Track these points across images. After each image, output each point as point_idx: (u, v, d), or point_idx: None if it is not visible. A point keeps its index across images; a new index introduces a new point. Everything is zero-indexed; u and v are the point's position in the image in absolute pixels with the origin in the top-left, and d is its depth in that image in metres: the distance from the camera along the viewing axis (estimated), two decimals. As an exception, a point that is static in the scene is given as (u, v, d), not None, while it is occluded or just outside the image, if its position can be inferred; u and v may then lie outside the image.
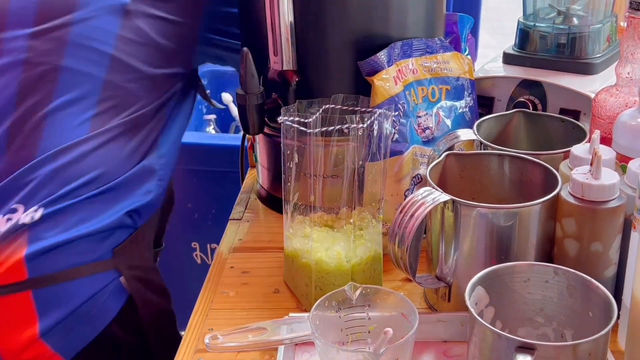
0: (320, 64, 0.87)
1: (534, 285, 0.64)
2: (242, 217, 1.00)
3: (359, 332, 0.67)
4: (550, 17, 1.03)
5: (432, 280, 0.75)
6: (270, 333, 0.69)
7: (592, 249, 0.68)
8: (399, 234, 0.68)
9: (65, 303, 0.83)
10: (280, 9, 0.82)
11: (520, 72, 1.00)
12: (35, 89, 0.87)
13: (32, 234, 0.81)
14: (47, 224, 0.82)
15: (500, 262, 0.66)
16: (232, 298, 0.82)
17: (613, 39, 1.02)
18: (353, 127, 0.74)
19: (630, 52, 0.78)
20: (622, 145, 0.74)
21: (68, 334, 0.84)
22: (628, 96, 0.80)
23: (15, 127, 0.86)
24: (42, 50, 0.88)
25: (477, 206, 0.69)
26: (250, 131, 0.87)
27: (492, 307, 0.64)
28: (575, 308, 0.63)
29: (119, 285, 0.87)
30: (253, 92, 0.84)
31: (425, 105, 0.87)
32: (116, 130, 0.87)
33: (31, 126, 0.86)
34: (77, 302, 0.84)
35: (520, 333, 0.66)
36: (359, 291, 0.66)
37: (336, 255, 0.76)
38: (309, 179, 0.77)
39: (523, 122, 0.88)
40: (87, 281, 0.84)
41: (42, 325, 0.82)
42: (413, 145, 0.84)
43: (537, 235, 0.70)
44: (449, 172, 0.77)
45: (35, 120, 0.86)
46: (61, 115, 0.86)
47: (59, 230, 0.82)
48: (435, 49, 0.88)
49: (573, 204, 0.67)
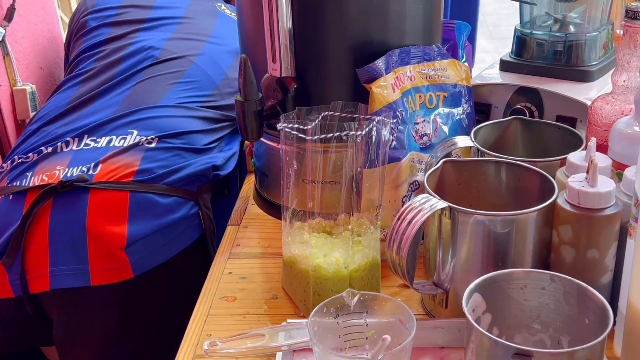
0: (318, 71, 0.87)
1: (530, 292, 0.65)
2: (240, 222, 1.00)
3: (357, 339, 0.68)
4: (547, 24, 1.04)
5: (430, 286, 0.75)
6: (269, 339, 0.69)
7: (588, 256, 0.68)
8: (396, 240, 0.68)
9: (155, 216, 1.04)
10: (279, 16, 0.83)
11: (517, 80, 1.00)
12: (169, 66, 1.21)
13: (147, 154, 1.08)
14: (159, 152, 1.09)
15: (497, 268, 0.66)
16: (230, 304, 0.82)
17: (609, 47, 1.03)
18: (351, 134, 0.74)
19: (626, 60, 0.79)
20: (618, 153, 0.75)
21: (147, 250, 1.03)
22: (624, 104, 0.80)
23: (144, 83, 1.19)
24: (178, 47, 1.25)
25: (474, 213, 0.69)
26: (248, 137, 0.88)
27: (489, 313, 0.65)
28: (571, 315, 0.63)
29: (197, 219, 1.11)
30: (252, 99, 0.85)
31: (422, 112, 0.88)
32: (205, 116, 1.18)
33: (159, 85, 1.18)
34: (164, 220, 1.05)
35: (516, 340, 0.66)
36: (357, 297, 0.67)
37: (334, 261, 0.76)
38: (308, 185, 0.78)
39: (520, 129, 0.89)
40: (176, 203, 1.07)
41: (130, 230, 1.01)
42: (411, 152, 0.85)
43: (533, 242, 0.70)
44: (446, 179, 0.77)
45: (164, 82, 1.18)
46: (183, 88, 1.19)
47: (165, 159, 1.09)
48: (432, 56, 0.88)
49: (569, 211, 0.67)
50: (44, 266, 1.00)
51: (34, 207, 1.01)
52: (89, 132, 1.11)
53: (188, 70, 1.21)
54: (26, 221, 1.00)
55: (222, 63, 1.25)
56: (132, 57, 1.23)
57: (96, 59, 1.26)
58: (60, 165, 1.06)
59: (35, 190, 1.03)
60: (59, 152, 1.09)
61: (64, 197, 1.02)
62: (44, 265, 1.00)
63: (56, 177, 1.04)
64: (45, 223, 1.01)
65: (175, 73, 1.21)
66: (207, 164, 1.13)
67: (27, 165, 1.09)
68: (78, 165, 1.05)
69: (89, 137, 1.11)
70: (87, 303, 1.03)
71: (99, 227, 1.01)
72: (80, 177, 1.03)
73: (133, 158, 1.07)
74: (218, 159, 1.16)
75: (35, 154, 1.10)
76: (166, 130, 1.11)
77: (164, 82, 1.19)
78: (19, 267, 1.00)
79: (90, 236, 1.00)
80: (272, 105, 0.88)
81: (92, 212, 1.01)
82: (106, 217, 1.01)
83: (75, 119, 1.15)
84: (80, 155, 1.08)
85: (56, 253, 1.00)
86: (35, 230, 1.01)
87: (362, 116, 0.81)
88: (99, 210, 1.01)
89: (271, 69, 0.86)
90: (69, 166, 1.06)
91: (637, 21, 0.77)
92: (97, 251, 1.00)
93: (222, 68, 1.25)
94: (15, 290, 1.01)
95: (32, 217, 1.00)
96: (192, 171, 1.10)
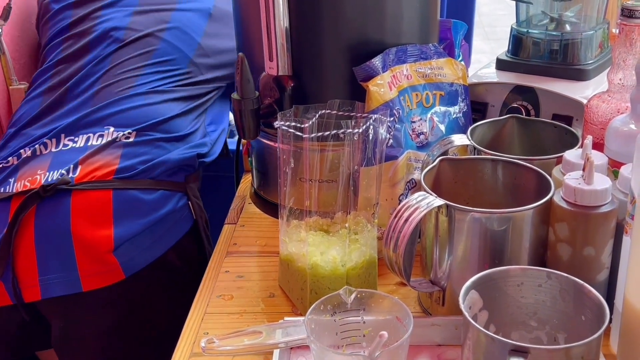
0: (315, 69, 0.87)
1: (527, 289, 0.65)
2: (237, 221, 1.00)
3: (354, 336, 0.68)
4: (543, 23, 1.04)
5: (427, 284, 0.75)
6: (266, 337, 0.69)
7: (584, 253, 0.69)
8: (393, 238, 0.68)
9: (141, 214, 1.01)
10: (275, 14, 0.83)
11: (514, 78, 1.00)
12: (136, 47, 1.14)
13: (125, 151, 1.04)
14: (138, 147, 1.05)
15: (493, 266, 0.66)
16: (227, 302, 0.82)
17: (605, 46, 1.03)
18: (348, 132, 0.74)
19: (622, 58, 0.79)
20: (614, 151, 0.75)
21: (135, 250, 1.00)
22: (620, 102, 0.80)
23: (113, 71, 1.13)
24: (143, 23, 1.17)
25: (471, 211, 0.69)
26: (246, 136, 0.88)
27: (485, 310, 0.65)
28: (568, 312, 0.63)
29: (187, 211, 1.08)
30: (249, 97, 0.85)
31: (419, 110, 0.88)
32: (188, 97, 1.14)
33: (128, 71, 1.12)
34: (151, 217, 1.02)
35: (513, 337, 0.66)
36: (353, 295, 0.67)
37: (331, 259, 0.76)
38: (305, 184, 0.78)
39: (516, 127, 0.89)
40: (163, 197, 1.04)
41: (117, 232, 0.99)
42: (407, 151, 0.85)
43: (530, 239, 0.70)
44: (443, 177, 0.77)
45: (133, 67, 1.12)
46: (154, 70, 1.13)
47: (145, 153, 1.05)
48: (429, 55, 0.88)
49: (566, 208, 0.68)
50: (33, 275, 0.99)
51: (18, 214, 0.98)
52: (66, 132, 1.08)
53: (157, 49, 1.15)
54: (12, 229, 0.98)
55: (193, 32, 1.18)
56: (97, 44, 1.16)
57: (63, 48, 1.20)
58: (40, 169, 1.04)
59: (19, 197, 1.00)
60: (39, 155, 1.06)
61: (47, 202, 0.99)
62: (34, 274, 0.99)
63: (38, 181, 1.02)
64: (30, 231, 0.99)
65: (144, 55, 1.14)
66: (191, 152, 1.10)
67: (9, 170, 1.07)
68: (58, 169, 1.03)
69: (66, 136, 1.07)
70: (82, 308, 1.02)
71: (84, 232, 0.98)
72: (62, 180, 1.00)
73: (112, 156, 1.04)
74: (204, 147, 1.12)
75: (15, 158, 1.07)
76: (143, 122, 1.07)
77: (133, 67, 1.13)
78: (10, 275, 0.98)
79: (76, 242, 0.98)
80: (269, 103, 0.88)
81: (75, 216, 0.99)
82: (91, 221, 0.99)
83: (51, 119, 1.11)
84: (59, 157, 1.05)
85: (44, 262, 0.99)
86: (21, 239, 0.99)
87: (359, 114, 0.81)
88: (82, 214, 0.99)
89: (268, 68, 0.86)
90: (49, 169, 1.03)
91: (633, 19, 0.77)
92: (84, 256, 0.98)
93: (194, 38, 1.17)
94: (12, 298, 1.00)
95: (17, 225, 0.98)
96: (175, 162, 1.07)
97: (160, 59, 1.14)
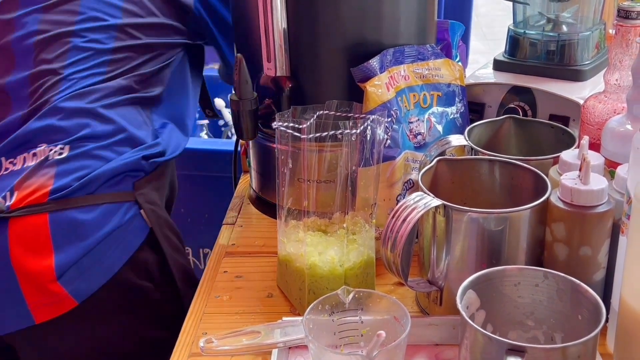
0: (313, 70, 0.88)
1: (524, 289, 0.65)
2: (235, 221, 1.00)
3: (352, 336, 0.68)
4: (540, 24, 1.04)
5: (424, 284, 0.76)
6: (264, 336, 0.69)
7: (581, 253, 0.69)
8: (391, 238, 0.68)
9: (80, 237, 0.91)
10: (273, 15, 0.83)
11: (511, 79, 1.01)
12: (50, 50, 1.00)
13: (59, 169, 0.92)
14: (72, 162, 0.93)
15: (491, 266, 0.66)
16: (225, 302, 0.82)
17: (602, 46, 1.04)
18: (346, 133, 0.74)
19: (618, 59, 0.79)
20: (611, 151, 0.75)
21: (82, 275, 0.91)
22: (616, 103, 0.81)
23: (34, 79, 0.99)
24: (54, 20, 1.01)
25: (468, 211, 0.69)
26: (244, 136, 0.88)
27: (483, 310, 0.65)
28: (564, 311, 0.64)
29: (140, 220, 0.96)
30: (247, 98, 0.85)
31: (417, 111, 0.88)
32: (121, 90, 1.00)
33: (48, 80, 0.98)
34: (95, 238, 0.91)
35: (510, 336, 0.66)
36: (351, 295, 0.67)
37: (329, 259, 0.76)
38: (303, 184, 0.78)
39: (513, 128, 0.89)
40: (103, 213, 0.93)
41: (57, 259, 0.89)
42: (405, 151, 0.85)
43: (527, 239, 0.71)
44: (440, 178, 0.78)
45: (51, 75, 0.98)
46: (78, 59, 0.99)
47: (80, 168, 0.93)
48: (426, 56, 0.89)
49: (562, 208, 0.68)
50: None
51: None
52: (6, 154, 0.97)
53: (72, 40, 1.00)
54: None
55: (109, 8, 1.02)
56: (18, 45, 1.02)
57: None
58: None
59: None
60: None
61: None
62: None
63: None
64: None
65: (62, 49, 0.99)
66: (135, 155, 0.96)
67: None
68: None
69: (6, 159, 0.96)
70: (41, 342, 0.94)
71: (25, 262, 0.90)
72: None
73: (45, 177, 0.92)
74: (155, 147, 0.99)
75: None
76: (75, 133, 0.95)
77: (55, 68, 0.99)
78: None
79: (19, 274, 0.90)
80: (267, 104, 0.89)
81: (14, 245, 0.90)
82: (30, 249, 0.90)
83: None
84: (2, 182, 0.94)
85: None
86: None
87: (356, 115, 0.81)
88: (21, 243, 0.90)
89: (266, 69, 0.86)
90: None
91: (629, 20, 0.77)
92: (30, 288, 0.90)
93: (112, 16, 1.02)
94: None
95: None
96: (116, 170, 0.95)
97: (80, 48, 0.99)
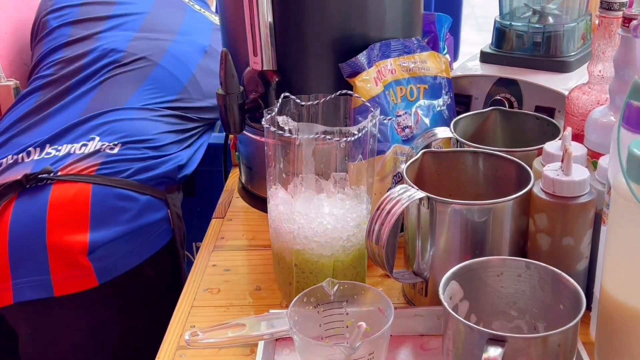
0: (300, 64, 0.88)
1: (507, 279, 0.66)
2: (225, 215, 1.01)
3: (337, 327, 0.69)
4: (526, 16, 1.05)
5: (409, 275, 0.76)
6: (249, 329, 0.70)
7: (564, 243, 0.70)
8: (375, 230, 0.69)
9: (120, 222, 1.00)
10: (259, 9, 0.83)
11: (497, 71, 1.01)
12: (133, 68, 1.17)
13: (108, 160, 1.03)
14: (120, 160, 1.04)
15: (475, 257, 0.67)
16: (214, 295, 0.83)
17: (588, 38, 1.04)
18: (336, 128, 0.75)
19: (601, 50, 0.80)
20: (593, 142, 0.76)
21: (110, 257, 0.98)
22: (600, 94, 0.81)
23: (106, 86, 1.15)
24: (141, 48, 1.20)
25: (452, 203, 0.70)
26: (230, 130, 0.88)
27: (466, 301, 0.66)
28: (547, 301, 0.65)
29: (167, 224, 1.07)
30: (233, 92, 0.85)
31: (404, 104, 0.88)
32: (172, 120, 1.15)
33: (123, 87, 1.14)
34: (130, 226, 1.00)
35: (494, 326, 0.67)
36: (336, 287, 0.68)
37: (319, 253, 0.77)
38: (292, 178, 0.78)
39: (499, 119, 0.90)
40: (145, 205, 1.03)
41: (92, 234, 0.97)
42: (394, 145, 0.86)
43: (510, 230, 0.71)
44: (426, 170, 0.78)
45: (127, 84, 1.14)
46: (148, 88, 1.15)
47: (127, 168, 1.04)
48: (412, 49, 0.89)
49: (545, 199, 0.69)
50: (6, 279, 0.97)
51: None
52: (51, 141, 1.07)
53: (152, 72, 1.17)
54: None
55: (189, 62, 1.21)
56: (94, 63, 1.18)
57: (57, 63, 1.21)
58: (22, 172, 1.02)
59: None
60: (20, 163, 1.06)
61: (27, 193, 0.98)
62: (6, 277, 0.97)
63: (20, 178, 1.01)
64: (4, 232, 0.97)
65: (140, 75, 1.16)
66: (172, 164, 1.10)
67: None
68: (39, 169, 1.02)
69: (50, 145, 1.07)
70: (52, 315, 0.99)
71: (60, 232, 0.96)
72: (45, 169, 0.99)
73: (93, 163, 1.02)
74: (182, 158, 1.13)
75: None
76: (130, 136, 1.07)
77: (127, 84, 1.15)
78: None
79: (50, 243, 0.96)
80: (254, 98, 0.89)
81: (52, 212, 0.97)
82: (67, 220, 0.97)
83: (38, 129, 1.11)
84: (40, 164, 1.03)
85: (17, 264, 0.97)
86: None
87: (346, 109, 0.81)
88: (60, 212, 0.97)
89: (252, 63, 0.87)
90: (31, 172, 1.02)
91: (612, 12, 0.78)
92: (58, 260, 0.96)
93: (189, 68, 1.21)
94: None
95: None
96: (156, 173, 1.07)
97: (154, 81, 1.16)
